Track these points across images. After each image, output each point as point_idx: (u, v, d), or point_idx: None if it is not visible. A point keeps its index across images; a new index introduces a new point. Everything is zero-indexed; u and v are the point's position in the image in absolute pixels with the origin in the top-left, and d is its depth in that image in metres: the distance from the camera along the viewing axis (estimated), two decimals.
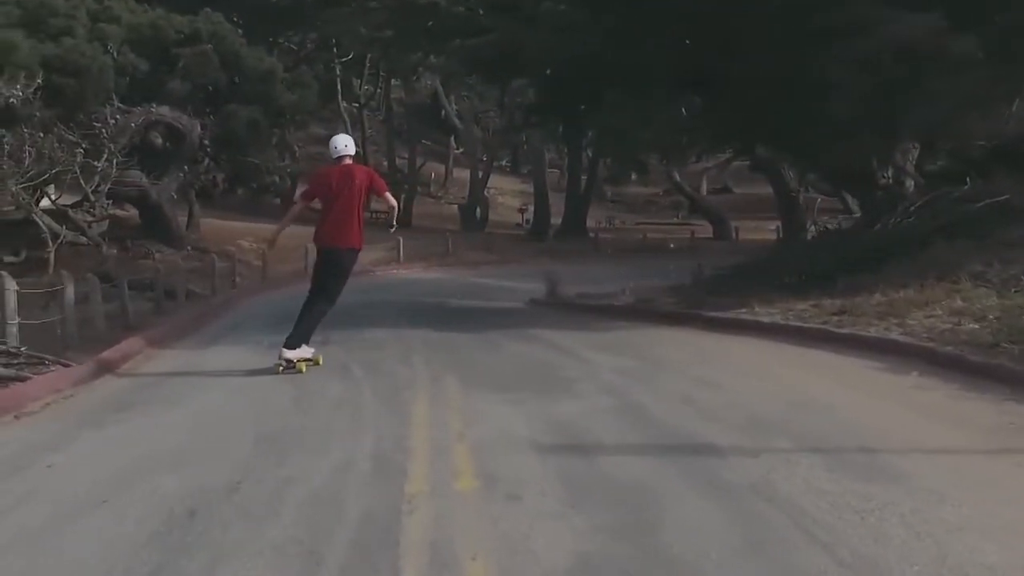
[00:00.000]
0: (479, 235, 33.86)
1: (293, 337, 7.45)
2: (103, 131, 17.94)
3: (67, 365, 7.53)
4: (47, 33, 19.09)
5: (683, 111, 15.11)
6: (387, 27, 19.47)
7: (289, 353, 7.38)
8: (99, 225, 19.21)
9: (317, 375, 7.31)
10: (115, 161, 18.00)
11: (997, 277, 9.32)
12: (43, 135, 16.68)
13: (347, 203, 7.46)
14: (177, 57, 21.20)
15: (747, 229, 35.92)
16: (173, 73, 21.11)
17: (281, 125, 24.71)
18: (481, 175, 39.42)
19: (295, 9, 30.99)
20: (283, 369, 7.35)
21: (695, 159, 37.44)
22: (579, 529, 3.51)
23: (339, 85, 37.83)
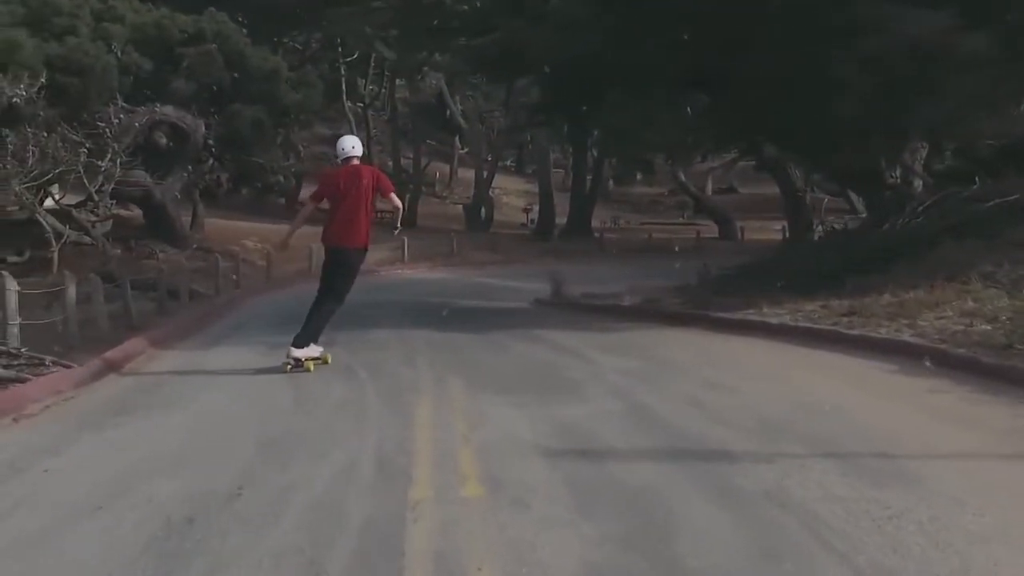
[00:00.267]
0: (484, 235, 33.75)
1: (301, 336, 7.48)
2: (107, 130, 17.87)
3: (68, 366, 7.44)
4: (51, 32, 19.05)
5: (688, 110, 15.02)
6: (392, 26, 19.41)
7: (297, 352, 7.42)
8: (103, 225, 19.14)
9: (321, 376, 7.23)
10: (119, 161, 17.92)
11: (1007, 278, 9.21)
12: (47, 135, 16.63)
13: (354, 203, 7.51)
14: (181, 56, 21.12)
15: (752, 229, 35.77)
16: (177, 72, 21.03)
17: (285, 125, 24.59)
18: (486, 175, 39.30)
19: (300, 9, 30.90)
20: (291, 368, 7.37)
21: (700, 159, 37.43)
22: (588, 537, 3.42)
23: (344, 85, 37.74)
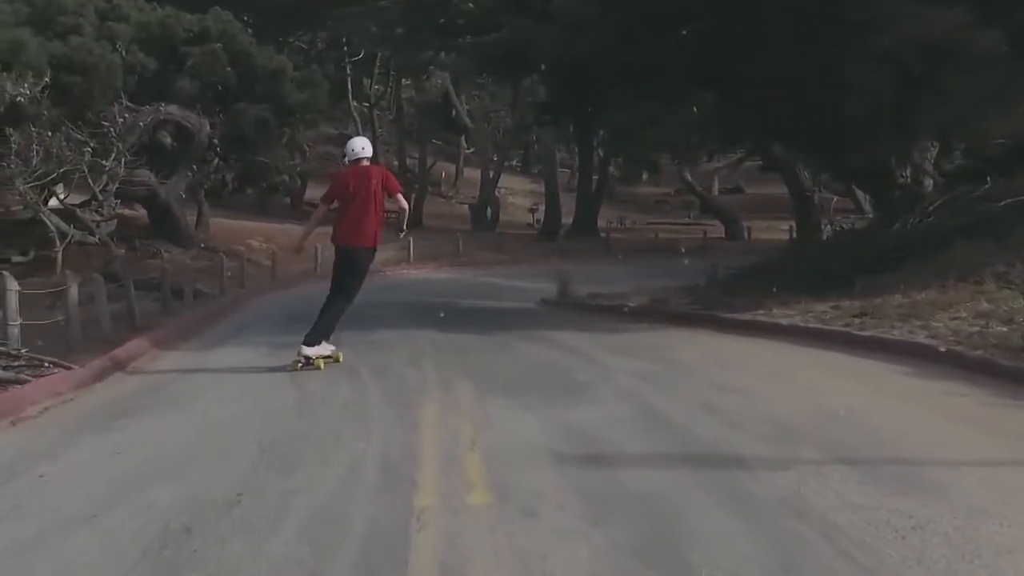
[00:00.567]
0: (490, 235, 33.62)
1: (312, 334, 7.54)
2: (111, 130, 17.78)
3: (69, 367, 7.34)
4: (55, 31, 19.00)
5: (694, 110, 14.89)
6: (398, 24, 19.29)
7: (308, 350, 7.48)
8: (107, 225, 19.06)
9: (325, 378, 7.13)
10: (123, 160, 17.85)
11: (1021, 278, 9.09)
12: (51, 134, 16.56)
13: (363, 203, 7.61)
14: (186, 56, 21.05)
15: (758, 229, 35.59)
16: (182, 72, 20.95)
17: (291, 124, 24.50)
18: (492, 175, 39.17)
19: (305, 8, 30.80)
20: (301, 366, 7.44)
21: (706, 159, 37.26)
22: (599, 548, 3.28)
23: (349, 84, 37.66)
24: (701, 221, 40.39)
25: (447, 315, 12.34)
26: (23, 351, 7.54)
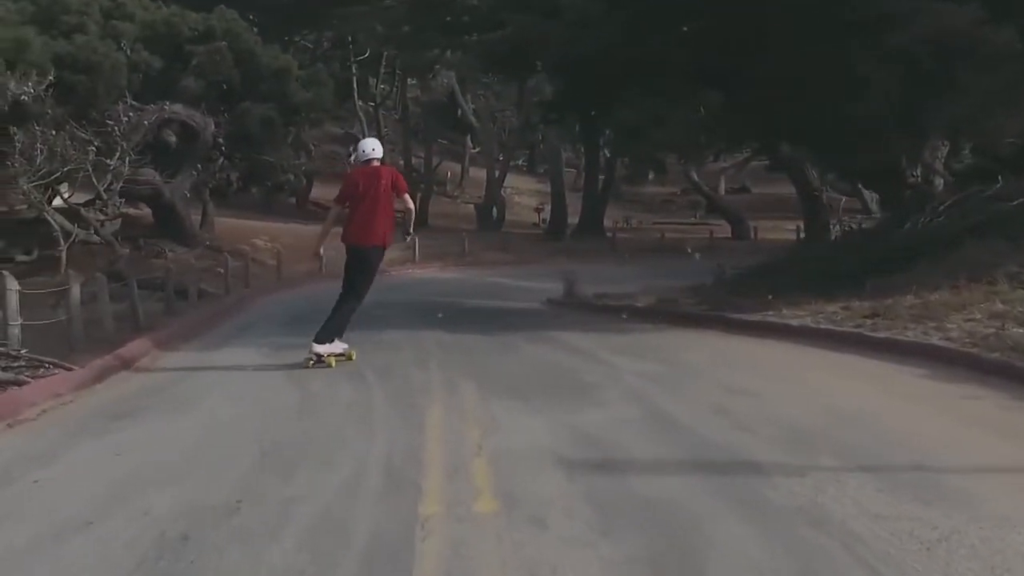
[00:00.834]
0: (496, 235, 33.50)
1: (323, 332, 7.63)
2: (116, 129, 17.71)
3: (69, 368, 7.23)
4: (59, 30, 18.92)
5: (701, 110, 14.74)
6: (403, 23, 19.18)
7: (319, 348, 7.56)
8: (112, 224, 18.98)
9: (328, 379, 7.01)
10: (128, 159, 17.78)
11: None
12: (55, 133, 16.48)
13: (373, 203, 7.73)
14: (191, 54, 20.95)
15: (765, 229, 35.42)
16: (187, 70, 20.84)
17: (296, 123, 24.39)
18: (498, 174, 39.05)
19: (310, 7, 30.71)
20: (312, 363, 7.50)
21: (713, 158, 37.05)
22: (611, 559, 3.16)
23: (355, 84, 37.56)
24: (707, 221, 40.24)
25: (452, 315, 12.24)
26: (23, 352, 7.44)
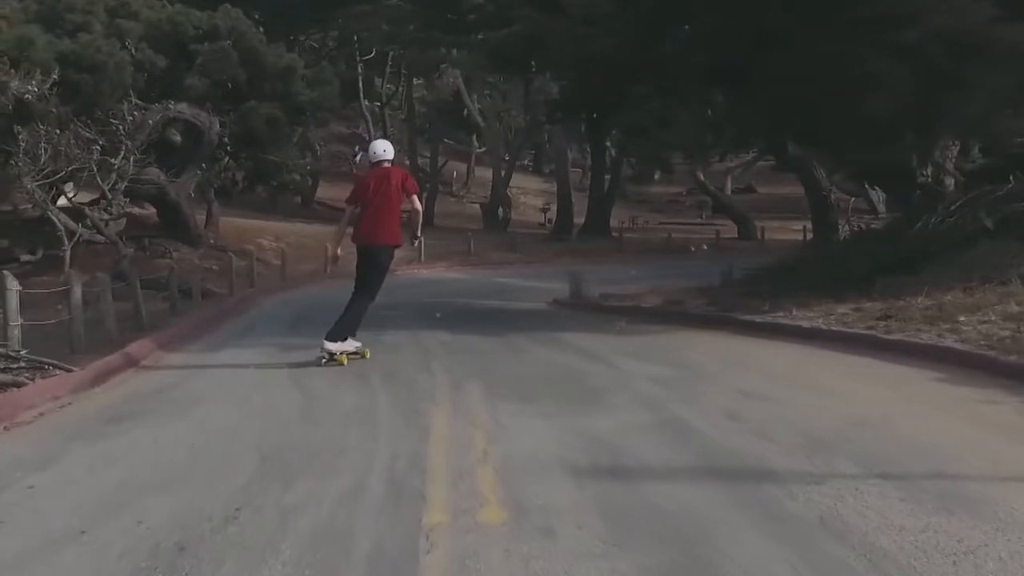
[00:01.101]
0: (501, 235, 33.39)
1: (335, 330, 7.69)
2: (120, 128, 17.67)
3: (69, 370, 7.13)
4: (64, 29, 18.88)
5: (708, 111, 14.62)
6: (409, 22, 19.08)
7: (331, 346, 7.62)
8: (116, 223, 18.93)
9: (331, 382, 6.89)
10: (132, 158, 17.71)
11: None
12: (59, 132, 16.42)
13: (383, 204, 7.82)
14: (196, 53, 20.88)
15: (771, 229, 35.28)
16: (192, 70, 20.77)
17: (301, 123, 24.32)
18: (503, 174, 38.94)
19: (315, 6, 30.60)
20: (324, 361, 7.57)
21: (719, 158, 36.88)
22: (624, 573, 3.02)
23: (361, 83, 37.46)
24: (714, 221, 40.09)
25: (458, 316, 12.13)
26: (23, 352, 7.32)
